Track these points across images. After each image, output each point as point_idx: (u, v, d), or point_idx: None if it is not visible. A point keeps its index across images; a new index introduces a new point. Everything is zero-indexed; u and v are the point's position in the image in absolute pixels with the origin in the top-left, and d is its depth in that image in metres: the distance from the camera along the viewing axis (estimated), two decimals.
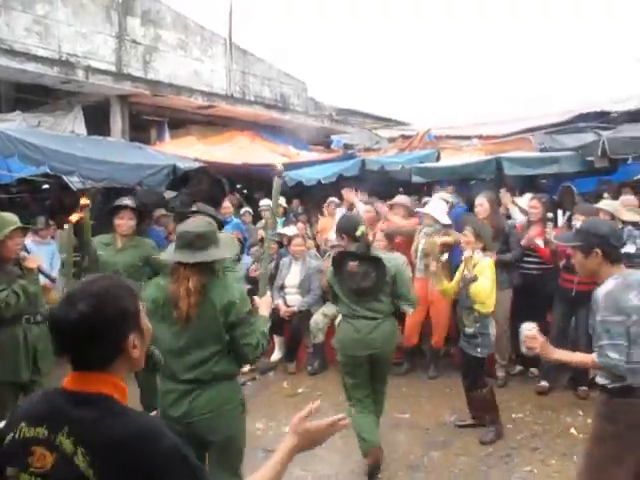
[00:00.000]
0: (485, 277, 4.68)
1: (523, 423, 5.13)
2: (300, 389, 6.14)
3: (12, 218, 3.90)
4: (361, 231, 4.42)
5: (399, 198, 7.28)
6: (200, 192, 8.05)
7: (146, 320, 1.64)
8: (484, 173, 7.88)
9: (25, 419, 1.52)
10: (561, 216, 6.20)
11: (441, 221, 6.25)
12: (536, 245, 5.79)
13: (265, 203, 9.31)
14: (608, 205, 5.79)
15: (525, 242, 5.86)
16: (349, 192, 7.43)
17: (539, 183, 8.33)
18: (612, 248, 3.00)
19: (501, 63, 42.54)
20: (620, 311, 2.86)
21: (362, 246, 4.42)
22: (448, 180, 8.27)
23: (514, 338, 5.96)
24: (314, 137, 13.46)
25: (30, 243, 6.59)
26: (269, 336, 3.21)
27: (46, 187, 10.01)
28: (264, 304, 3.27)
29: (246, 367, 5.88)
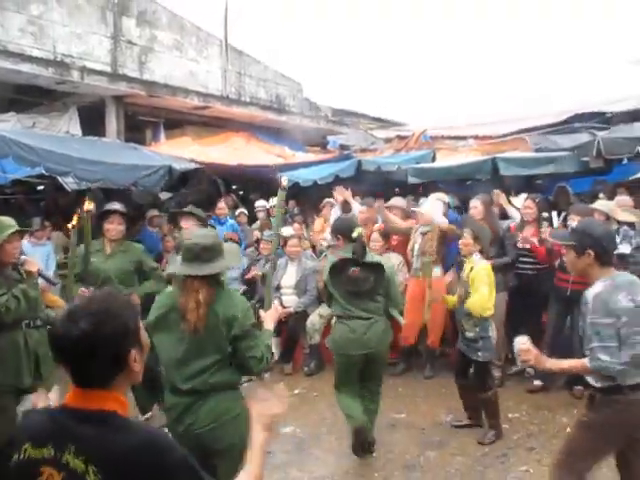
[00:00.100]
0: (480, 285, 4.63)
1: (519, 423, 5.14)
2: (296, 390, 6.13)
3: (10, 222, 3.85)
4: (357, 233, 4.47)
5: (395, 200, 7.28)
6: (196, 193, 8.06)
7: (145, 334, 1.66)
8: (480, 173, 7.88)
9: (29, 440, 1.51)
10: (556, 217, 6.20)
11: (437, 220, 6.25)
12: (533, 244, 5.79)
13: (261, 204, 9.31)
14: (603, 205, 5.80)
15: (521, 241, 5.87)
16: (342, 190, 7.37)
17: (535, 183, 8.34)
18: (604, 251, 3.04)
19: (501, 63, 42.61)
20: (610, 313, 2.88)
21: (358, 248, 4.46)
22: (444, 181, 8.28)
23: (510, 339, 6.00)
24: (310, 138, 13.45)
25: (26, 244, 6.57)
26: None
27: (41, 188, 10.00)
28: (269, 318, 3.28)
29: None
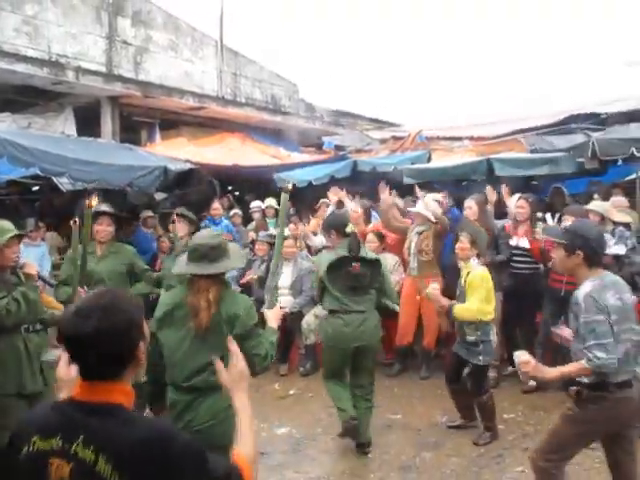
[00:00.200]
0: (472, 294, 4.62)
1: (515, 423, 5.14)
2: (292, 391, 6.12)
3: (9, 226, 3.81)
4: (350, 227, 4.60)
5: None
6: (191, 194, 8.05)
7: (146, 327, 1.71)
8: (475, 174, 7.90)
9: (37, 432, 1.55)
10: (550, 218, 6.20)
11: (432, 220, 6.25)
12: (533, 242, 5.77)
13: (256, 205, 9.31)
14: (598, 206, 5.81)
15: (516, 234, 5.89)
16: (337, 191, 7.40)
17: (530, 184, 8.35)
18: (594, 252, 3.10)
19: (501, 63, 42.75)
20: (601, 310, 2.94)
21: (354, 242, 4.57)
22: (440, 182, 8.27)
23: (505, 339, 6.00)
24: (306, 139, 13.46)
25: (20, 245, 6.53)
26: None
27: (36, 189, 9.96)
28: (273, 316, 3.31)
29: None
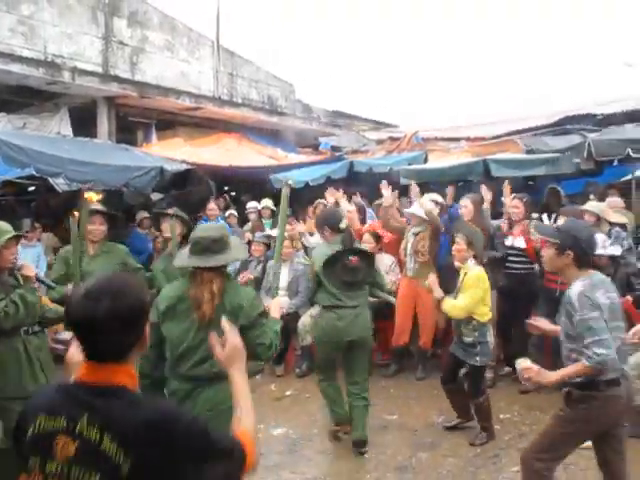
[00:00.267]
0: (465, 292, 4.63)
1: (511, 423, 5.14)
2: (288, 392, 6.11)
3: (7, 227, 3.76)
4: (345, 224, 4.69)
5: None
6: (187, 194, 8.03)
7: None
8: (472, 175, 7.90)
9: (43, 412, 1.60)
10: (546, 218, 6.20)
11: (426, 219, 6.24)
12: (529, 239, 5.77)
13: (252, 205, 9.30)
14: (594, 207, 5.82)
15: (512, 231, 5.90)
16: (333, 192, 7.42)
17: (526, 184, 8.36)
18: (584, 254, 3.12)
19: (501, 63, 42.88)
20: (596, 308, 2.97)
21: (347, 238, 4.68)
22: (436, 182, 8.27)
23: (502, 339, 6.00)
24: (302, 139, 13.45)
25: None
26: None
27: (32, 189, 9.94)
28: (275, 306, 3.36)
29: None
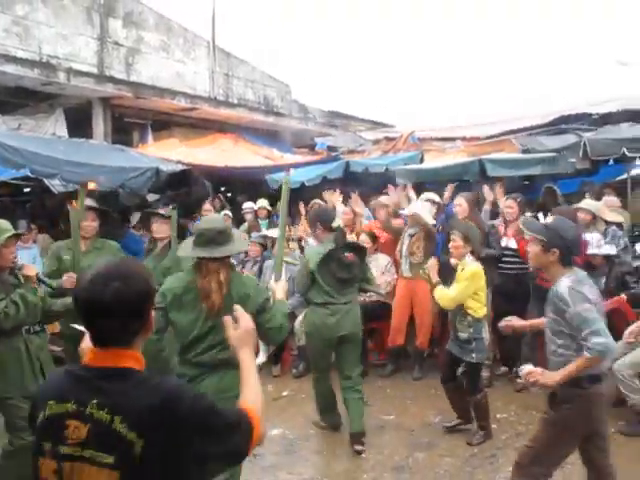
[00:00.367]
0: (457, 283, 4.63)
1: (508, 423, 5.15)
2: (285, 392, 6.11)
3: (7, 226, 3.72)
4: (337, 223, 4.80)
5: (383, 198, 7.28)
6: (183, 195, 8.02)
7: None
8: (467, 175, 7.90)
9: (52, 397, 1.62)
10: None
11: (425, 220, 6.25)
12: (521, 239, 5.77)
13: (248, 206, 9.29)
14: (590, 205, 5.83)
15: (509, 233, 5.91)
16: (331, 194, 7.45)
17: (522, 184, 8.37)
18: (569, 253, 3.16)
19: (500, 63, 43.00)
20: (586, 300, 2.99)
21: (340, 237, 4.79)
22: (433, 183, 8.28)
23: (497, 339, 6.00)
24: (299, 140, 13.45)
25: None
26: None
27: (27, 190, 9.91)
28: (280, 288, 3.43)
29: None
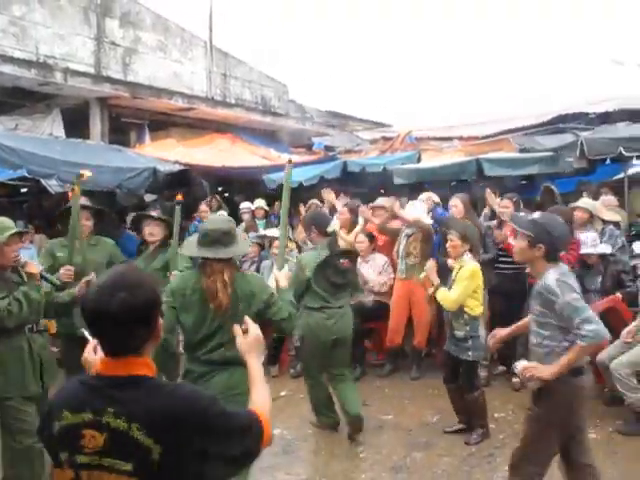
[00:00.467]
0: (457, 284, 4.62)
1: (505, 422, 5.15)
2: (282, 392, 6.10)
3: (9, 223, 3.65)
4: (332, 228, 4.88)
5: (380, 200, 7.29)
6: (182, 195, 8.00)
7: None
8: (465, 174, 7.91)
9: (67, 407, 1.63)
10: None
11: (422, 220, 6.25)
12: (507, 244, 5.77)
13: (246, 206, 9.28)
14: (587, 203, 5.84)
15: (498, 238, 5.90)
16: (328, 193, 7.45)
17: (520, 183, 8.38)
18: (555, 249, 3.17)
19: (500, 63, 43.07)
20: (574, 290, 3.02)
21: (334, 242, 4.88)
22: (430, 182, 8.28)
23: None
24: (296, 140, 13.45)
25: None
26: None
27: (24, 191, 9.89)
28: (282, 277, 3.46)
29: None
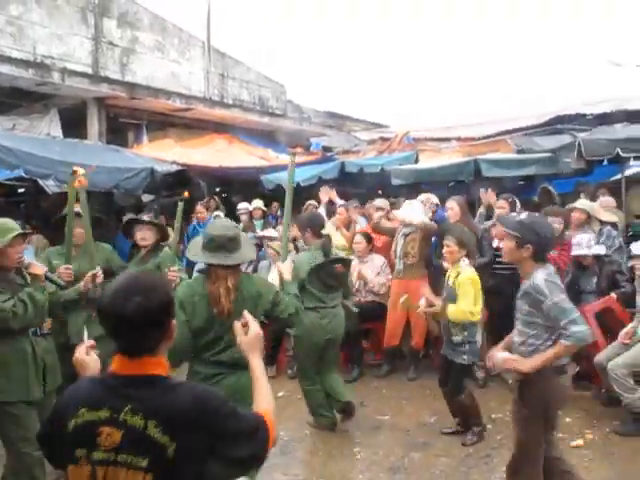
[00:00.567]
0: (463, 296, 4.57)
1: (503, 423, 5.14)
2: (280, 393, 6.09)
3: (12, 224, 3.58)
4: (326, 230, 4.99)
5: (378, 201, 7.29)
6: (178, 196, 8.01)
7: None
8: (462, 175, 7.92)
9: (84, 405, 1.68)
10: None
11: (415, 221, 6.24)
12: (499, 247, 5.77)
13: (243, 206, 9.29)
14: (585, 204, 5.84)
15: (495, 234, 5.89)
16: (327, 191, 7.46)
17: (518, 184, 8.39)
18: (542, 250, 3.19)
19: (499, 63, 43.13)
20: (562, 291, 3.07)
21: (327, 244, 4.96)
22: (428, 183, 8.29)
23: (492, 338, 6.01)
24: (294, 140, 13.45)
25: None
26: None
27: (21, 191, 9.88)
28: (286, 269, 3.51)
29: None
